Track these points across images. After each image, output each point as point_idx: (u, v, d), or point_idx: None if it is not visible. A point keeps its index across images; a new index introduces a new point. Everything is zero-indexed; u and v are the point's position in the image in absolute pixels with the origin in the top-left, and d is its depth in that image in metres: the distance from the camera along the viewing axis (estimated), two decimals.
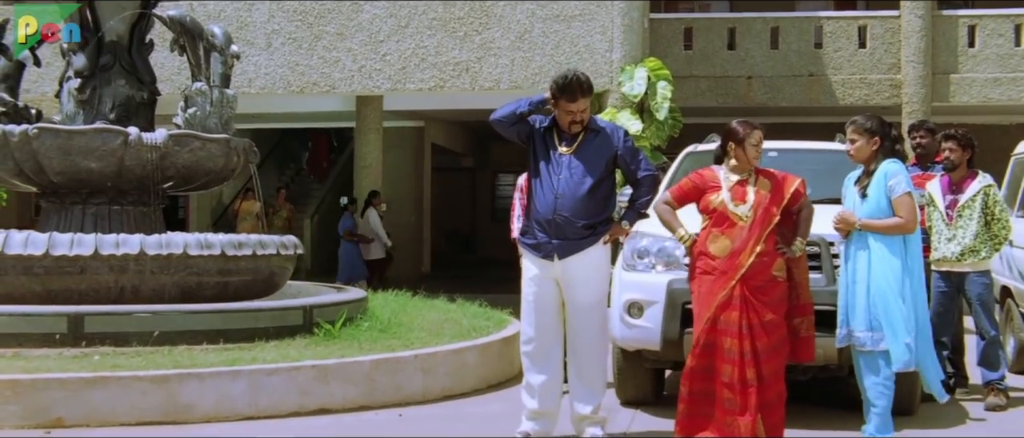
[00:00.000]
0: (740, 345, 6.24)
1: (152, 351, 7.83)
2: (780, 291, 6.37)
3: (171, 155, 9.49)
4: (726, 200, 6.44)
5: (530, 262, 6.71)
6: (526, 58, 17.08)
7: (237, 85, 14.06)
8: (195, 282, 8.92)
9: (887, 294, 6.45)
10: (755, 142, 6.49)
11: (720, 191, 6.49)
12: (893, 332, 6.43)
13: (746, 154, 6.50)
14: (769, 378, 6.28)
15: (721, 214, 6.44)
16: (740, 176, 6.52)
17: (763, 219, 6.37)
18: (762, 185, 6.48)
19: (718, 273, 6.35)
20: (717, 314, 6.30)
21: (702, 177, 6.62)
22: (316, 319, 8.86)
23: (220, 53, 10.16)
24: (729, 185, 6.51)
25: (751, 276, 6.30)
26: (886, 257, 6.49)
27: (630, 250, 7.60)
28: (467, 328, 9.62)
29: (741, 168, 6.52)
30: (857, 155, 6.74)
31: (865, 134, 6.69)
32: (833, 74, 18.62)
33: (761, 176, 6.53)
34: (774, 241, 6.40)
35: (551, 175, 6.62)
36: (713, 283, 6.35)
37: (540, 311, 6.68)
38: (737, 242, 6.34)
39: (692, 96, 18.44)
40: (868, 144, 6.68)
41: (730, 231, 6.38)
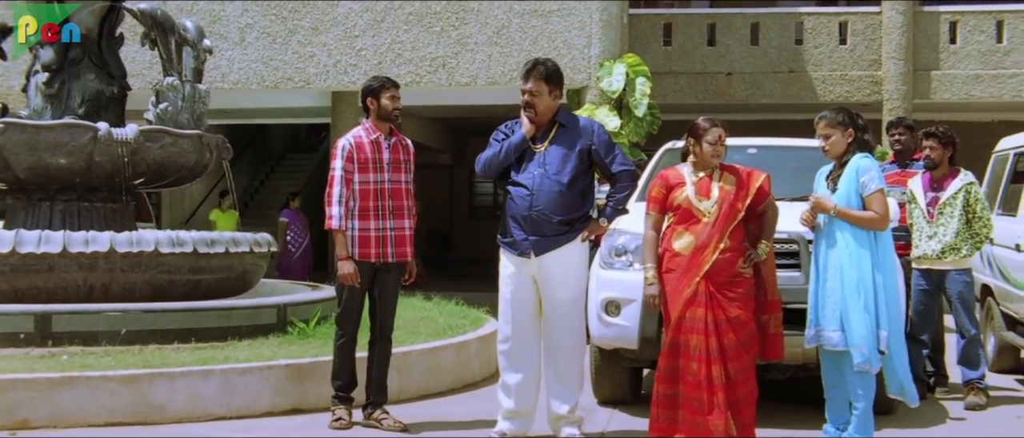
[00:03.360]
0: (706, 342, 6.23)
1: (122, 350, 7.79)
2: (746, 287, 6.36)
3: (142, 151, 9.45)
4: (690, 196, 6.43)
5: (507, 260, 6.71)
6: (503, 54, 17.06)
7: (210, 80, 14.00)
8: (166, 280, 8.90)
9: (852, 293, 6.41)
10: (712, 140, 6.46)
11: (685, 187, 6.48)
12: (855, 332, 6.39)
13: (702, 151, 6.49)
14: (737, 376, 6.27)
15: (685, 210, 6.42)
16: (705, 172, 6.51)
17: (727, 214, 6.36)
18: (726, 181, 6.46)
19: (682, 270, 6.34)
20: (683, 312, 6.29)
21: (667, 177, 6.61)
22: (290, 317, 8.85)
23: (192, 47, 10.12)
24: (694, 181, 6.49)
25: (716, 272, 6.29)
26: (855, 252, 6.46)
27: (607, 247, 7.59)
28: (443, 327, 9.61)
29: (701, 165, 6.51)
30: (833, 150, 6.70)
31: (838, 127, 6.66)
32: (813, 70, 18.69)
33: (726, 172, 6.51)
34: (740, 237, 6.39)
35: (525, 172, 6.63)
36: (678, 280, 6.34)
37: (517, 309, 6.68)
38: (701, 238, 6.33)
39: (671, 92, 18.47)
40: (843, 137, 6.66)
41: (694, 227, 6.37)
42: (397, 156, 7.13)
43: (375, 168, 7.01)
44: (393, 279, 7.15)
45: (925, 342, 8.50)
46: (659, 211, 6.56)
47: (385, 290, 7.12)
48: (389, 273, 7.10)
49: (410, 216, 7.17)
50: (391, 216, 7.03)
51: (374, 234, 6.97)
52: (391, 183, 7.05)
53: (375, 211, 6.98)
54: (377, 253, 6.99)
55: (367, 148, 7.02)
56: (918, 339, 8.30)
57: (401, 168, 7.14)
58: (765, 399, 6.48)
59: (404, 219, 7.11)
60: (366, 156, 7.00)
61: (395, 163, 7.11)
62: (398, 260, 7.11)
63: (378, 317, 7.17)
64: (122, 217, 9.77)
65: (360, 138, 7.07)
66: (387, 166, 7.05)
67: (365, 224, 6.97)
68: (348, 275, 6.89)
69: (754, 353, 6.41)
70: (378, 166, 7.02)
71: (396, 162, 7.11)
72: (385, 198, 7.02)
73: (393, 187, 7.06)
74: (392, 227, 7.04)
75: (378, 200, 6.99)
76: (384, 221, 7.01)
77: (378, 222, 6.98)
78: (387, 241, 7.02)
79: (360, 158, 6.99)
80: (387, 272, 7.08)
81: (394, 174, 7.08)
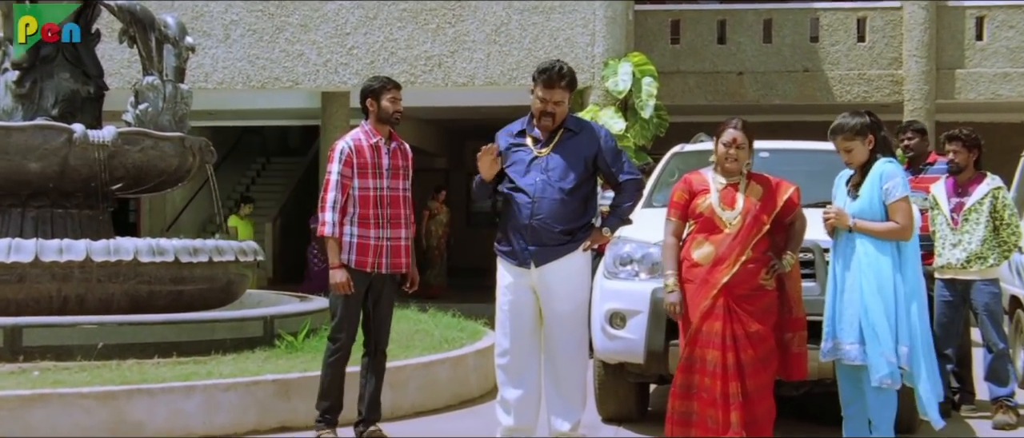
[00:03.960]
0: (723, 358, 6.21)
1: (98, 366, 7.77)
2: (767, 301, 6.34)
3: (120, 154, 9.44)
4: (714, 204, 6.40)
5: (505, 270, 6.68)
6: (503, 52, 17.06)
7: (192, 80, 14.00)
8: (146, 291, 8.89)
9: (871, 300, 6.38)
10: (726, 141, 6.43)
11: (708, 194, 6.46)
12: (873, 343, 6.35)
13: (716, 153, 6.48)
14: (755, 394, 6.25)
15: (707, 219, 6.40)
16: (730, 180, 6.49)
17: (751, 227, 6.32)
18: (753, 191, 6.43)
19: (700, 281, 6.32)
20: (699, 325, 6.28)
21: (691, 182, 6.59)
22: (277, 330, 8.85)
23: (173, 45, 10.12)
24: (719, 188, 6.47)
25: (735, 285, 6.26)
26: (875, 261, 6.41)
27: (611, 257, 7.58)
28: (439, 340, 9.61)
29: (722, 168, 6.49)
30: (854, 161, 6.63)
31: (858, 137, 6.58)
32: (830, 69, 18.66)
33: (754, 181, 6.49)
34: (763, 248, 6.36)
35: (526, 178, 6.60)
36: (695, 292, 6.33)
37: (516, 322, 6.66)
38: (721, 250, 6.31)
39: (679, 93, 18.46)
40: (864, 146, 6.58)
41: (715, 238, 6.35)
42: (396, 162, 7.12)
43: (375, 174, 6.99)
44: (388, 290, 7.13)
45: (949, 357, 8.46)
46: (680, 218, 6.55)
47: (380, 302, 7.10)
48: (384, 284, 7.08)
49: (408, 225, 7.15)
50: (389, 225, 7.01)
51: (373, 243, 6.96)
52: (390, 190, 7.04)
53: (375, 219, 6.96)
54: (373, 263, 6.98)
55: (367, 152, 7.00)
56: (942, 353, 8.25)
57: (400, 175, 7.13)
58: (778, 416, 6.45)
59: (401, 229, 7.09)
60: (366, 161, 6.98)
61: (394, 169, 7.09)
62: (392, 271, 7.09)
63: (373, 330, 7.15)
64: (99, 224, 9.76)
65: (359, 141, 7.04)
66: (387, 172, 7.04)
67: (365, 232, 6.96)
68: (341, 284, 6.87)
69: (773, 370, 6.38)
70: (378, 172, 7.01)
71: (396, 168, 7.10)
72: (384, 206, 6.99)
73: (392, 195, 7.05)
74: (389, 237, 7.02)
75: (378, 208, 6.97)
76: (382, 230, 6.99)
77: (378, 231, 6.97)
78: (383, 251, 7.00)
79: (359, 163, 6.96)
80: (382, 283, 7.06)
81: (393, 181, 7.07)
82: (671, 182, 9.03)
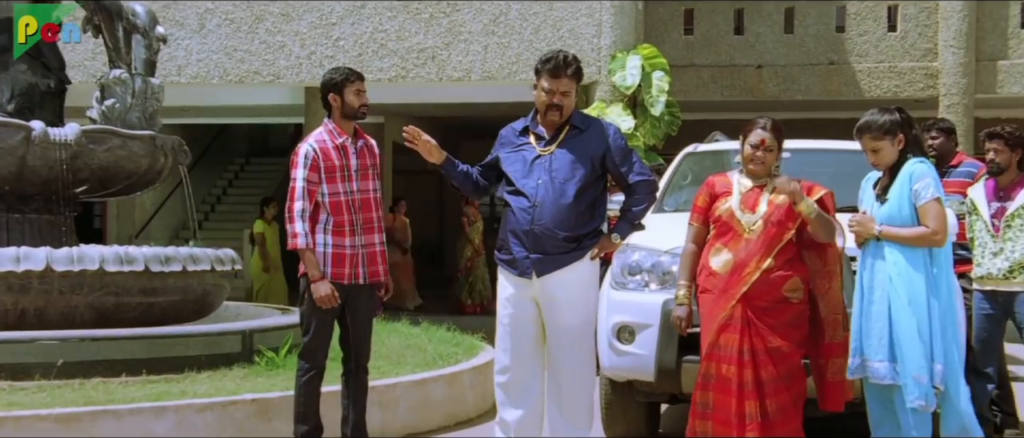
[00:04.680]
0: (739, 374, 6.19)
1: (59, 385, 7.74)
2: (793, 314, 6.30)
3: (84, 154, 9.43)
4: (734, 207, 6.38)
5: (505, 280, 6.67)
6: (501, 44, 17.04)
7: (164, 73, 13.97)
8: (113, 303, 8.87)
9: (902, 315, 6.33)
10: (754, 142, 6.43)
11: (729, 197, 6.44)
12: (905, 361, 6.30)
13: (742, 153, 6.47)
14: (776, 416, 6.21)
15: (725, 223, 6.39)
16: (755, 182, 6.46)
17: (773, 233, 6.30)
18: (780, 194, 6.41)
19: (718, 291, 6.30)
20: (716, 338, 6.25)
21: (714, 185, 6.57)
22: (257, 345, 8.84)
23: (143, 35, 10.11)
24: (742, 191, 6.45)
25: (755, 295, 6.24)
26: (905, 270, 6.36)
27: (620, 266, 7.57)
28: (433, 355, 9.62)
29: (748, 170, 6.46)
30: (882, 162, 6.60)
31: (886, 136, 6.55)
32: (857, 62, 18.63)
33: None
34: (787, 257, 6.32)
35: (528, 179, 6.58)
36: (713, 303, 6.30)
37: (517, 336, 6.64)
38: (740, 256, 6.28)
39: (693, 88, 18.45)
40: (893, 146, 6.54)
41: (734, 243, 6.33)
42: (365, 162, 7.03)
43: (343, 177, 6.91)
44: (365, 302, 7.07)
45: (990, 376, 8.39)
46: (702, 222, 6.54)
47: (358, 314, 7.04)
48: (361, 295, 7.01)
49: (380, 230, 7.09)
50: (362, 231, 6.95)
51: (349, 252, 6.89)
52: (360, 193, 6.96)
53: (350, 226, 6.90)
54: (350, 274, 6.91)
55: (333, 154, 6.91)
56: (982, 372, 8.18)
57: (369, 175, 7.05)
58: None
59: (374, 234, 7.02)
60: (333, 163, 6.89)
61: (363, 170, 7.01)
62: (370, 280, 7.03)
63: (352, 345, 7.08)
64: (61, 231, 9.73)
65: (324, 143, 6.93)
66: (355, 174, 6.96)
67: (340, 241, 6.88)
68: (326, 297, 6.80)
69: (798, 392, 6.34)
70: (346, 174, 6.92)
71: (364, 169, 7.02)
72: (356, 211, 6.93)
73: (362, 197, 6.97)
74: (364, 244, 6.96)
75: (350, 213, 6.91)
76: (357, 237, 6.93)
77: (352, 238, 6.90)
78: (359, 260, 6.93)
79: (326, 166, 6.87)
80: (359, 294, 7.00)
81: (363, 182, 6.99)
82: (684, 185, 9.04)
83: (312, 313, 6.91)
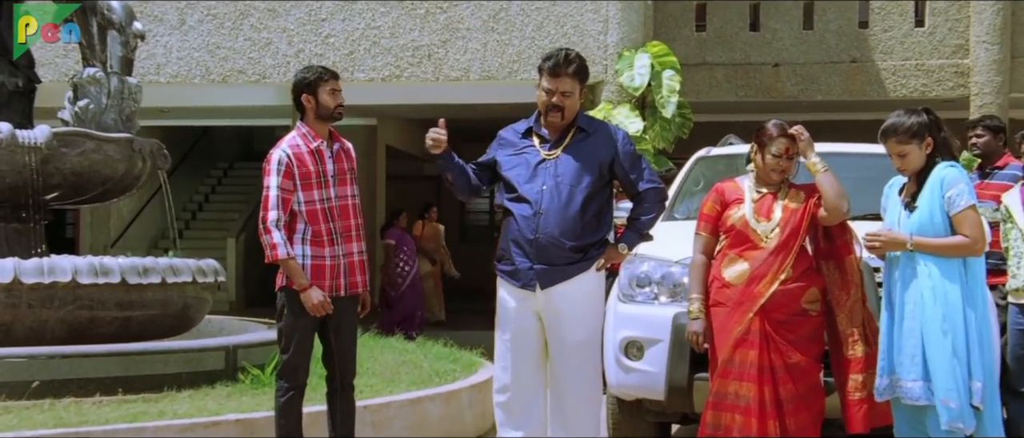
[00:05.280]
0: (759, 392, 6.19)
1: (28, 406, 7.71)
2: (811, 328, 6.31)
3: (56, 159, 9.41)
4: (747, 215, 6.39)
5: (506, 293, 6.68)
6: (501, 42, 17.05)
7: (142, 72, 13.99)
8: (87, 318, 8.85)
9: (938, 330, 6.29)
10: (777, 152, 6.44)
11: (742, 205, 6.45)
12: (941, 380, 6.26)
13: (763, 164, 6.45)
14: (794, 435, 6.20)
15: (740, 233, 6.40)
16: (768, 188, 6.46)
17: (790, 241, 6.32)
18: (794, 198, 6.42)
19: (733, 304, 6.31)
20: (731, 354, 6.24)
21: (723, 191, 6.58)
22: (241, 362, 8.83)
23: (119, 31, 10.10)
24: (754, 198, 6.45)
25: (773, 308, 6.25)
26: (939, 283, 6.30)
27: (628, 277, 7.58)
28: (429, 373, 9.64)
29: (763, 179, 6.46)
30: (909, 167, 6.55)
31: (914, 140, 6.51)
32: (882, 60, 18.60)
33: (794, 189, 6.50)
34: (804, 266, 6.33)
35: (531, 184, 6.58)
36: (727, 316, 6.31)
37: (518, 352, 6.65)
38: (756, 267, 6.29)
39: (705, 88, 18.46)
40: (921, 150, 6.51)
41: (749, 253, 6.35)
42: (342, 166, 7.00)
43: (320, 183, 6.87)
44: (349, 315, 7.04)
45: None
46: (711, 232, 6.55)
47: (341, 329, 7.00)
48: (343, 309, 6.98)
49: (359, 238, 7.06)
50: (341, 240, 6.92)
51: (329, 263, 6.85)
52: (338, 200, 6.93)
53: (329, 235, 6.87)
54: (331, 285, 6.88)
55: (308, 160, 6.86)
56: (1018, 392, 8.15)
57: (347, 180, 7.01)
58: None
59: (353, 243, 6.99)
60: (308, 169, 6.84)
61: (340, 175, 6.97)
62: (351, 292, 7.01)
63: (337, 362, 7.05)
64: (30, 240, 9.72)
65: (298, 148, 6.88)
66: (333, 179, 6.93)
67: (319, 252, 6.85)
68: (320, 304, 6.76)
69: (817, 411, 6.35)
70: (322, 180, 6.88)
71: (342, 173, 6.98)
72: (334, 219, 6.90)
73: (341, 204, 6.94)
74: (343, 253, 6.93)
75: (329, 222, 6.88)
76: (337, 247, 6.90)
77: (332, 248, 6.88)
78: (340, 271, 6.91)
79: (301, 173, 6.82)
80: (341, 308, 6.97)
81: (340, 188, 6.95)
82: (696, 191, 9.04)
83: (292, 329, 6.87)
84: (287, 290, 6.82)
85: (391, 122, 23.70)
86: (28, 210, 9.65)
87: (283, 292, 6.84)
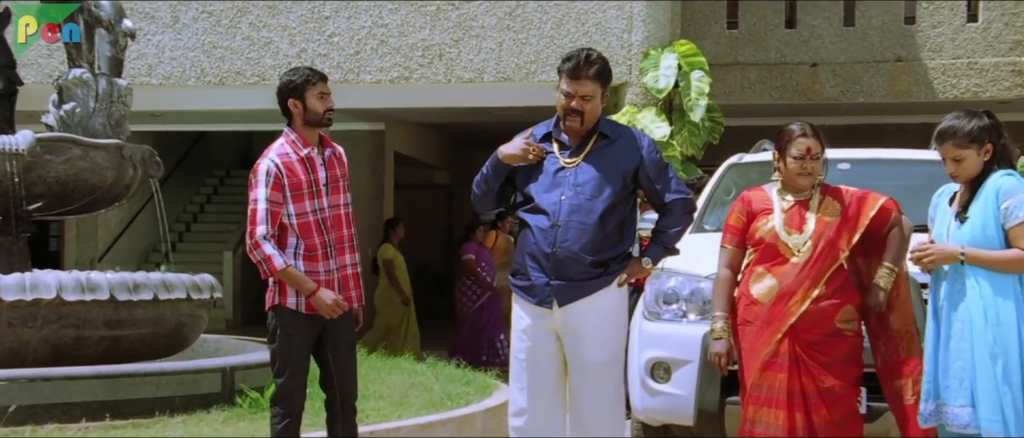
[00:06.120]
0: (789, 420, 6.17)
1: (8, 433, 7.73)
2: (848, 349, 6.29)
3: (39, 166, 9.44)
4: (777, 227, 6.37)
5: (522, 310, 6.68)
6: (518, 41, 17.03)
7: (133, 73, 14.03)
8: (73, 337, 8.87)
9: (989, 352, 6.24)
10: (798, 153, 6.41)
11: (771, 215, 6.43)
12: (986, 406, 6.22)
13: (785, 168, 6.46)
14: None
15: (769, 246, 6.38)
16: (799, 196, 6.45)
17: (825, 255, 6.29)
18: (828, 209, 6.40)
19: (761, 323, 6.30)
20: (759, 378, 6.23)
21: (750, 201, 6.57)
22: (239, 385, 8.86)
23: (108, 30, 10.13)
24: (784, 208, 6.44)
25: (805, 327, 6.23)
26: (991, 302, 6.24)
27: (654, 293, 7.58)
28: (440, 396, 9.65)
29: (788, 186, 6.45)
30: (965, 174, 6.50)
31: (972, 145, 6.45)
32: (930, 58, 18.51)
33: (829, 197, 6.47)
34: (839, 282, 6.31)
35: (550, 194, 6.60)
36: (755, 336, 6.30)
37: (534, 374, 6.64)
38: (786, 283, 6.28)
39: (737, 90, 18.44)
40: (979, 156, 6.44)
41: (778, 268, 6.32)
42: (334, 173, 6.99)
43: (312, 193, 6.85)
44: (347, 332, 7.02)
45: None
46: (737, 245, 6.54)
47: (339, 347, 6.98)
48: (340, 326, 6.98)
49: (353, 249, 7.06)
50: (334, 253, 6.91)
51: (323, 278, 6.84)
52: (331, 210, 6.92)
53: (323, 248, 6.86)
54: None
55: (298, 168, 6.85)
56: None
57: (340, 188, 7.00)
58: None
59: (347, 254, 6.97)
60: (299, 179, 6.82)
61: (333, 183, 6.97)
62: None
63: (336, 383, 7.04)
64: (11, 254, 9.75)
65: (287, 157, 6.86)
66: (325, 188, 6.92)
67: (313, 267, 6.83)
68: (334, 303, 6.74)
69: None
70: (314, 190, 6.86)
71: (334, 181, 6.97)
72: (327, 230, 6.90)
73: (334, 214, 6.92)
74: (337, 267, 6.93)
75: (322, 234, 6.88)
76: (331, 261, 6.90)
77: (326, 262, 6.88)
78: (334, 286, 6.90)
79: (292, 183, 6.80)
80: (338, 326, 6.96)
81: (333, 197, 6.94)
82: (726, 201, 9.04)
83: (286, 350, 6.83)
84: (279, 309, 6.80)
85: (399, 127, 23.71)
86: (9, 222, 9.68)
87: (274, 312, 6.82)
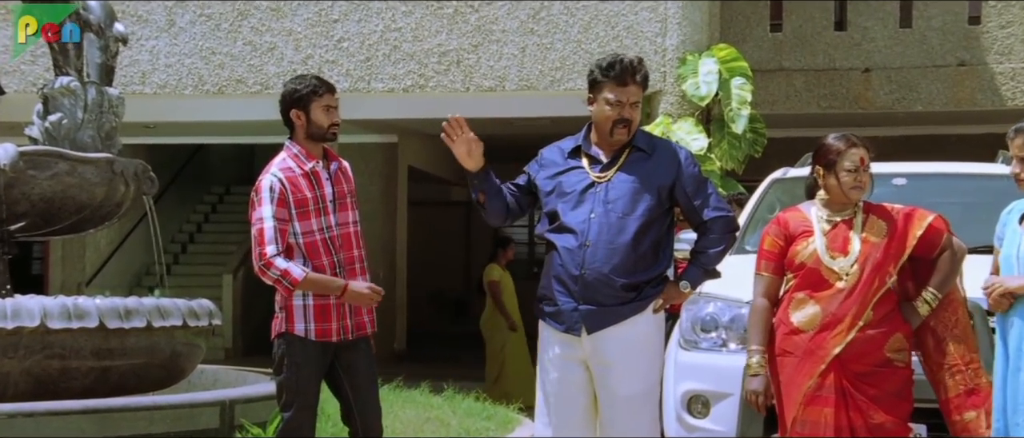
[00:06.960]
0: None
1: None
2: (899, 382, 6.26)
3: (22, 182, 9.46)
4: (819, 250, 6.33)
5: (549, 337, 6.69)
6: (542, 46, 17.04)
7: (124, 82, 14.05)
8: (58, 368, 8.88)
9: None
10: (851, 166, 6.38)
11: (811, 238, 6.39)
12: None
13: (839, 183, 6.39)
14: None
15: (811, 271, 6.34)
16: (841, 215, 6.42)
17: (872, 279, 6.27)
18: (873, 229, 6.38)
19: (802, 353, 6.27)
20: (802, 413, 6.20)
21: (787, 223, 6.53)
22: (239, 420, 8.86)
23: (98, 34, 10.15)
24: (824, 229, 6.41)
25: (852, 358, 6.21)
26: None
27: (690, 321, 7.58)
28: (457, 431, 9.71)
29: (836, 204, 6.42)
30: None
31: None
32: (996, 62, 18.43)
33: (873, 215, 6.45)
34: (888, 309, 6.28)
35: (578, 211, 6.59)
36: (795, 368, 6.27)
37: (562, 407, 6.65)
38: (830, 310, 6.25)
39: (782, 99, 18.43)
40: None
41: (821, 295, 6.29)
42: (341, 189, 7.02)
43: (318, 210, 6.88)
44: (364, 360, 7.00)
45: None
46: (774, 271, 6.50)
47: (358, 376, 6.97)
48: (356, 352, 6.96)
49: (363, 271, 7.05)
50: (343, 274, 6.89)
51: (334, 302, 6.83)
52: (339, 228, 6.94)
53: (331, 269, 6.84)
54: (338, 328, 6.87)
55: (303, 184, 6.88)
56: None
57: (347, 205, 7.02)
58: None
59: (357, 277, 6.97)
60: (304, 196, 6.85)
61: (340, 199, 6.99)
62: (359, 333, 6.99)
63: (358, 415, 7.01)
64: None
65: (291, 172, 6.89)
66: (332, 205, 6.94)
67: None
68: (370, 292, 6.78)
69: None
70: (321, 206, 6.89)
71: (341, 197, 7.00)
72: (336, 250, 6.90)
73: (342, 233, 6.95)
74: None
75: (330, 254, 6.87)
76: None
77: None
78: (346, 311, 6.90)
79: (297, 199, 6.82)
80: (352, 352, 6.95)
81: (341, 214, 6.96)
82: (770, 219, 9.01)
83: (294, 382, 6.82)
84: (287, 336, 6.81)
85: (414, 139, 23.74)
86: None
87: (281, 339, 6.82)
